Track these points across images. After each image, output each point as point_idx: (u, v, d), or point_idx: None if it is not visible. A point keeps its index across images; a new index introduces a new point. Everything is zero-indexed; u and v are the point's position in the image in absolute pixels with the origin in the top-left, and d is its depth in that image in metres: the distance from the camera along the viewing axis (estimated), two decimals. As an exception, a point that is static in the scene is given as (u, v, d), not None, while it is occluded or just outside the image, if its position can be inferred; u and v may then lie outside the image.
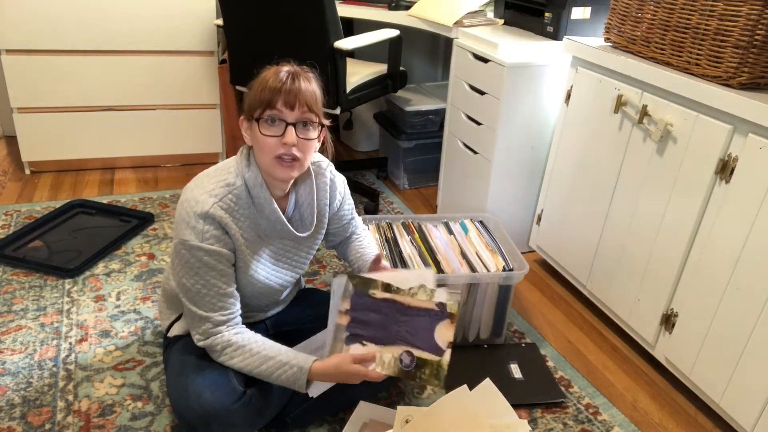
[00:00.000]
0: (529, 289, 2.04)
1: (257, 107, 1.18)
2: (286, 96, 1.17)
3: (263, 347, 1.24)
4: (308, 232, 1.35)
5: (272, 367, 1.22)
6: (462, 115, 2.19)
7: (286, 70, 1.20)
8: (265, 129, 1.18)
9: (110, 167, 2.75)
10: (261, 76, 1.21)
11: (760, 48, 1.30)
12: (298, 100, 1.17)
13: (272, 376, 1.23)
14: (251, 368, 1.23)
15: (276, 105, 1.17)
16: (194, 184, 1.25)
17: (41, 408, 1.43)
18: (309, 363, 1.22)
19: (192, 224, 1.19)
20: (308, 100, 1.19)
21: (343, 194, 1.45)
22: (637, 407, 1.55)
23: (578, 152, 1.83)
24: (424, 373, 1.24)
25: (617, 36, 1.68)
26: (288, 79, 1.18)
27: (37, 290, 1.85)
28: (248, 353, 1.23)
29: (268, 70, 1.21)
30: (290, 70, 1.20)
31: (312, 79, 1.23)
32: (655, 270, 1.58)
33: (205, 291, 1.22)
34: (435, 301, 1.27)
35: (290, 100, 1.17)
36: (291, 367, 1.22)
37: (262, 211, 1.26)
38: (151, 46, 2.53)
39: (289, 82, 1.18)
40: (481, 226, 1.86)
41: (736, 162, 1.32)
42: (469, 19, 2.17)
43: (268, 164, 1.21)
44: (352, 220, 1.52)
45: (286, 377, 1.22)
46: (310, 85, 1.21)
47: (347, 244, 1.53)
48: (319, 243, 1.44)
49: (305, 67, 1.25)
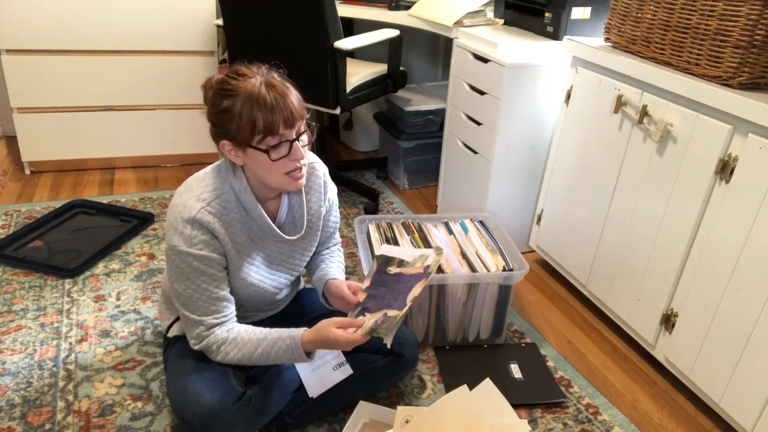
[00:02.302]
0: (529, 289, 2.04)
1: (252, 134, 1.13)
2: (284, 117, 1.13)
3: (253, 333, 1.25)
4: (299, 235, 1.35)
5: (268, 346, 1.22)
6: (462, 115, 2.19)
7: (263, 83, 1.13)
8: (272, 154, 1.15)
9: (110, 167, 2.76)
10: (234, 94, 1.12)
11: (760, 48, 1.30)
12: (294, 117, 1.14)
13: (271, 356, 1.23)
14: (249, 355, 1.23)
15: (277, 130, 1.13)
16: (184, 188, 1.24)
17: (41, 408, 1.43)
18: (299, 332, 1.22)
19: (180, 230, 1.19)
20: (300, 110, 1.16)
21: (332, 202, 1.43)
22: (637, 407, 1.55)
23: (578, 152, 1.83)
24: (382, 327, 1.21)
25: (617, 36, 1.68)
26: (276, 96, 1.12)
27: (37, 290, 1.85)
28: (241, 342, 1.23)
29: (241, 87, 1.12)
30: (267, 82, 1.13)
31: (287, 83, 1.18)
32: (655, 270, 1.58)
33: (197, 296, 1.22)
34: (424, 265, 1.32)
35: (289, 119, 1.14)
36: (284, 340, 1.22)
37: (251, 215, 1.26)
38: (151, 46, 2.53)
39: (279, 99, 1.12)
40: (481, 226, 1.86)
41: (736, 162, 1.32)
42: (469, 19, 2.17)
43: (279, 182, 1.20)
44: (333, 234, 1.50)
45: (283, 351, 1.22)
46: (292, 91, 1.16)
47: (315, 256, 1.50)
48: (314, 244, 1.43)
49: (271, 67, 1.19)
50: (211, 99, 1.16)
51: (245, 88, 1.12)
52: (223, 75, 1.16)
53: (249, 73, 1.15)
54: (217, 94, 1.15)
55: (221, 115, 1.14)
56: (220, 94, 1.14)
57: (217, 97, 1.14)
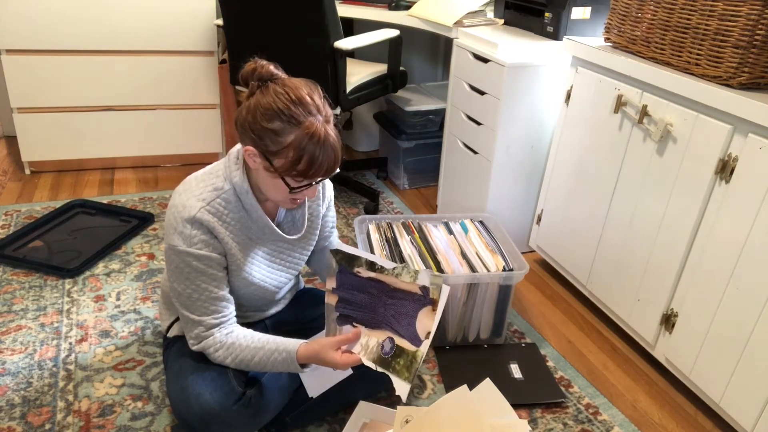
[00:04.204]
0: (529, 289, 2.04)
1: (290, 169, 1.11)
2: (326, 169, 1.13)
3: (252, 340, 1.24)
4: (299, 234, 1.35)
5: (264, 355, 1.22)
6: (462, 115, 2.19)
7: (323, 129, 1.10)
8: (296, 191, 1.16)
9: (110, 167, 2.76)
10: (292, 123, 1.08)
11: (760, 48, 1.30)
12: (333, 171, 1.15)
13: (267, 365, 1.23)
14: (247, 362, 1.23)
15: (317, 177, 1.14)
16: (183, 187, 1.23)
17: (41, 408, 1.43)
18: (296, 346, 1.22)
19: (179, 229, 1.19)
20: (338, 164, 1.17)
21: (329, 200, 1.44)
22: (637, 407, 1.55)
23: (578, 152, 1.83)
24: (398, 363, 1.21)
25: (617, 36, 1.68)
26: (330, 150, 1.11)
27: (37, 290, 1.85)
28: (239, 348, 1.23)
29: (301, 120, 1.08)
30: (327, 132, 1.10)
31: (336, 130, 1.15)
32: (655, 270, 1.58)
33: (197, 295, 1.22)
34: (418, 284, 1.24)
35: (329, 172, 1.15)
36: (280, 353, 1.22)
37: (251, 215, 1.26)
38: (151, 46, 2.53)
39: (331, 153, 1.11)
40: (481, 226, 1.86)
41: (736, 162, 1.32)
42: (469, 19, 2.17)
43: (280, 201, 1.21)
44: (332, 230, 1.50)
45: (279, 363, 1.22)
46: (339, 140, 1.15)
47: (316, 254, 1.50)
48: (313, 243, 1.43)
49: (326, 101, 1.15)
50: (264, 108, 1.09)
51: (305, 123, 1.09)
52: (280, 88, 1.10)
53: (310, 104, 1.10)
54: (272, 110, 1.09)
55: (266, 132, 1.10)
56: (276, 112, 1.08)
57: (272, 113, 1.09)
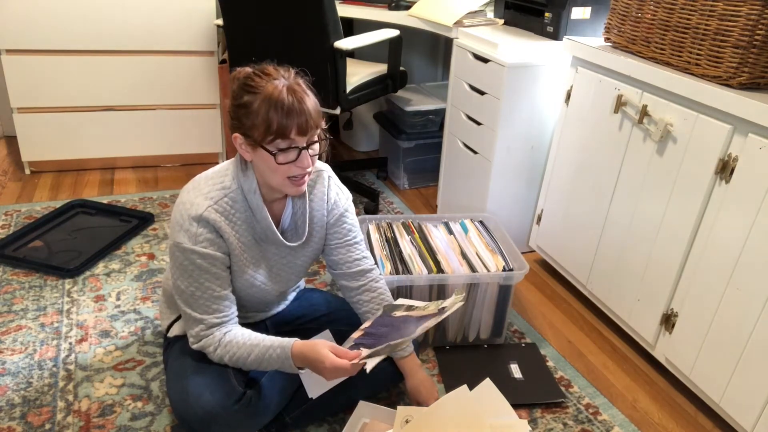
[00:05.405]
0: (529, 289, 2.04)
1: (265, 134, 1.14)
2: (298, 123, 1.13)
3: (248, 338, 1.24)
4: (300, 241, 1.34)
5: (260, 353, 1.22)
6: (462, 115, 2.19)
7: (285, 87, 1.14)
8: (279, 158, 1.16)
9: (110, 167, 2.76)
10: (256, 92, 1.14)
11: (760, 48, 1.30)
12: (308, 125, 1.15)
13: (263, 362, 1.22)
14: (244, 360, 1.23)
15: (289, 134, 1.14)
16: (191, 186, 1.24)
17: (41, 408, 1.43)
18: (291, 342, 1.22)
19: (186, 227, 1.19)
20: (316, 119, 1.16)
21: (344, 208, 1.40)
22: (637, 407, 1.55)
23: (578, 152, 1.83)
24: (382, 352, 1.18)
25: (617, 36, 1.68)
26: (294, 102, 1.13)
27: (37, 290, 1.85)
28: (236, 346, 1.23)
29: (263, 86, 1.14)
30: (290, 87, 1.14)
31: (308, 89, 1.18)
32: (655, 270, 1.58)
33: (199, 294, 1.22)
34: (439, 307, 1.26)
35: (302, 126, 1.14)
36: (275, 349, 1.21)
37: (256, 215, 1.26)
38: (151, 46, 2.53)
39: (296, 105, 1.13)
40: (481, 226, 1.86)
41: (736, 162, 1.32)
42: (469, 19, 2.17)
43: (279, 184, 1.20)
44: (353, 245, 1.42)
45: (274, 359, 1.22)
46: (311, 99, 1.17)
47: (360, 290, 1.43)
48: (317, 251, 1.41)
49: (297, 72, 1.20)
50: (234, 91, 1.18)
51: (267, 87, 1.14)
52: (251, 70, 1.18)
53: (274, 74, 1.16)
54: (240, 88, 1.16)
55: (240, 109, 1.16)
56: (243, 88, 1.16)
57: (240, 91, 1.16)
